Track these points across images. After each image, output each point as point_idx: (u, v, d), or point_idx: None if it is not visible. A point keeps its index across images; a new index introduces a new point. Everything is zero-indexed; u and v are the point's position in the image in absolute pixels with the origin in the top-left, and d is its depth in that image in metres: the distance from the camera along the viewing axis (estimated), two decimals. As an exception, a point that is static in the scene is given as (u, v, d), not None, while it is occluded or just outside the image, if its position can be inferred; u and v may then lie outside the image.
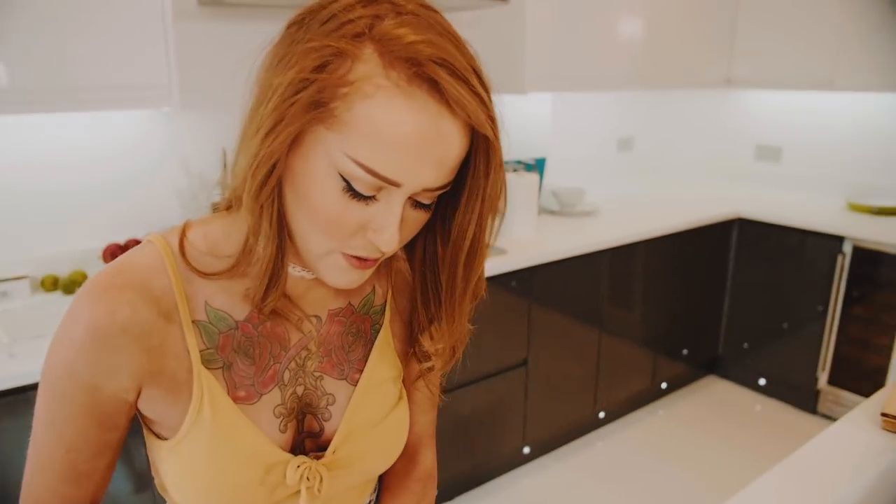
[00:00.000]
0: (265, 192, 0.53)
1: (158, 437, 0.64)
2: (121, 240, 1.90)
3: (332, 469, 0.67)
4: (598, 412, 2.72)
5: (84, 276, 1.82)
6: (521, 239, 2.38)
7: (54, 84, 1.49)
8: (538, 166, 2.86)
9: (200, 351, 0.61)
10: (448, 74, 0.50)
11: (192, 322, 0.61)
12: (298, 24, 0.53)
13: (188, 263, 0.60)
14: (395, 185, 0.52)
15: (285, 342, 0.66)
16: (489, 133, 0.54)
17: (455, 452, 2.21)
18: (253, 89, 0.55)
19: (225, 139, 2.03)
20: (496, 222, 0.61)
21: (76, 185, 1.85)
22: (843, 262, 2.61)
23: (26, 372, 1.35)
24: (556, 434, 2.61)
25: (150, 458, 0.69)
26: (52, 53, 1.47)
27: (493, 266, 2.09)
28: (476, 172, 0.56)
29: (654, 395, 2.99)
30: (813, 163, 3.16)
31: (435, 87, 0.50)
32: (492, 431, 2.32)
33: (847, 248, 2.60)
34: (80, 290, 0.59)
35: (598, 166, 3.23)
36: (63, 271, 1.84)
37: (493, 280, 2.11)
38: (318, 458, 0.67)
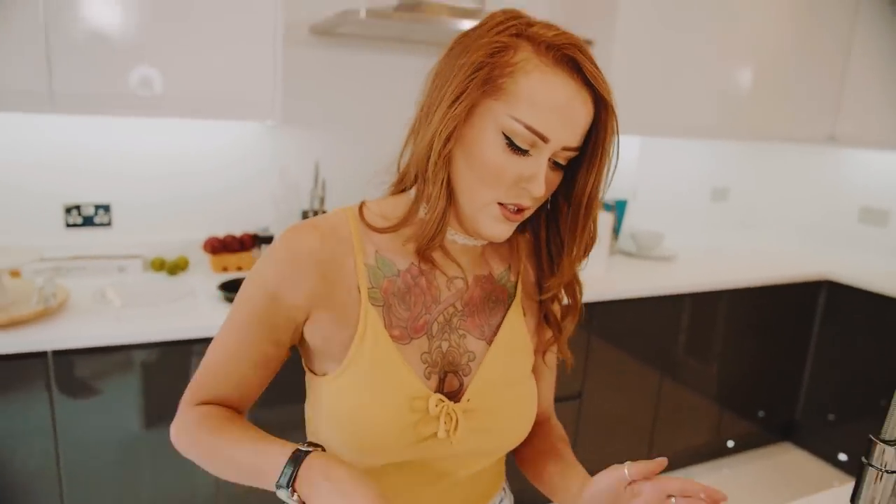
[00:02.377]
0: (443, 156, 0.69)
1: (319, 375, 0.77)
2: (220, 234, 2.16)
3: (467, 416, 0.75)
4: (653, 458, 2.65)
5: (186, 262, 2.08)
6: (588, 275, 2.39)
7: (184, 92, 1.75)
8: (618, 208, 2.89)
9: (367, 289, 0.75)
10: (582, 56, 0.68)
11: (364, 264, 0.75)
12: (464, 36, 0.72)
13: (364, 220, 0.77)
14: (545, 139, 0.68)
15: (436, 297, 0.78)
16: (611, 100, 0.70)
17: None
18: (426, 90, 0.73)
19: (319, 154, 2.25)
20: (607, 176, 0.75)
21: (190, 188, 2.13)
22: (942, 338, 2.43)
23: (129, 332, 1.58)
24: (607, 474, 2.57)
25: (307, 405, 0.82)
26: (185, 66, 1.74)
27: (554, 296, 2.15)
28: (598, 135, 0.72)
29: (718, 451, 2.88)
30: (923, 230, 2.96)
31: (574, 66, 0.68)
32: (539, 460, 2.34)
33: (947, 323, 2.42)
34: (284, 230, 0.75)
35: (688, 215, 3.20)
36: (169, 256, 2.11)
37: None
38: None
